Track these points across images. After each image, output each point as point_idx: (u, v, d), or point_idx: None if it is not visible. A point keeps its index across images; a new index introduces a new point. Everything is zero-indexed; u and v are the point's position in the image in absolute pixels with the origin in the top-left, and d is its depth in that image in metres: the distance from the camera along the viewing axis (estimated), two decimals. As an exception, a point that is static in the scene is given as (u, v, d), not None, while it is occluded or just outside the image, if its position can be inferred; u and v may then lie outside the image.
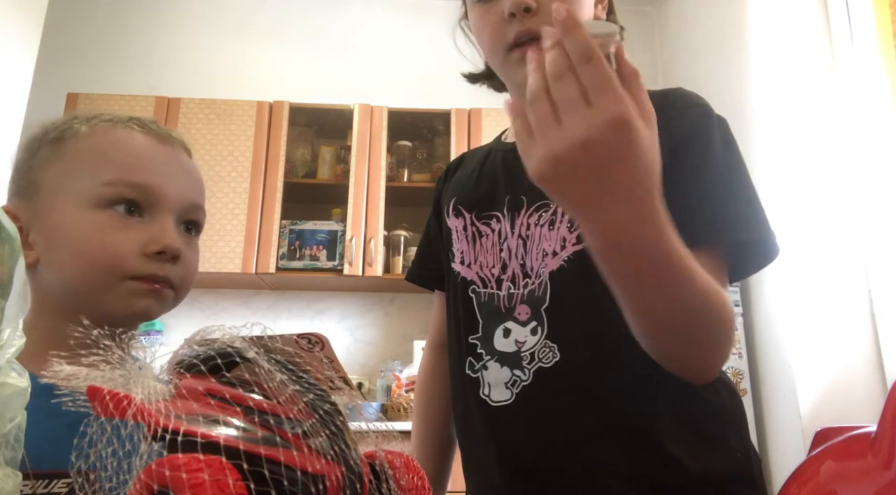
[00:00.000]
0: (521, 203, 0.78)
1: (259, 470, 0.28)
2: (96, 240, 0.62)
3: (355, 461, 0.32)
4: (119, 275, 0.62)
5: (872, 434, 0.39)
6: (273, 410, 0.31)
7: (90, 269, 0.62)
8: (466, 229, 0.83)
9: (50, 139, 0.68)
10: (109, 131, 0.67)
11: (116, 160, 0.65)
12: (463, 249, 0.83)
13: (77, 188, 0.64)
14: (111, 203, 0.63)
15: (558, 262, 0.74)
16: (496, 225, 0.80)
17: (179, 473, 0.26)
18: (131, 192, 0.64)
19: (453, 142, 2.95)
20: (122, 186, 0.64)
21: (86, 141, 0.67)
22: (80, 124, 0.68)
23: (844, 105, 2.22)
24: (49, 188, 0.66)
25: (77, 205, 0.63)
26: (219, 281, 2.89)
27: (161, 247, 0.63)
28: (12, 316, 0.37)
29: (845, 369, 2.06)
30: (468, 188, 0.86)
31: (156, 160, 0.67)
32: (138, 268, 0.63)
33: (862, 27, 2.17)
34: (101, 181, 0.63)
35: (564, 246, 0.74)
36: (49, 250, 0.64)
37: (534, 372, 0.72)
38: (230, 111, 2.95)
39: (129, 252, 0.62)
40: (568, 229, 0.74)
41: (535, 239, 0.76)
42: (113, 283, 0.62)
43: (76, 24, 3.28)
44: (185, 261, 0.67)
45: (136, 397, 0.30)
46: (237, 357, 0.33)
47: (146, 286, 0.63)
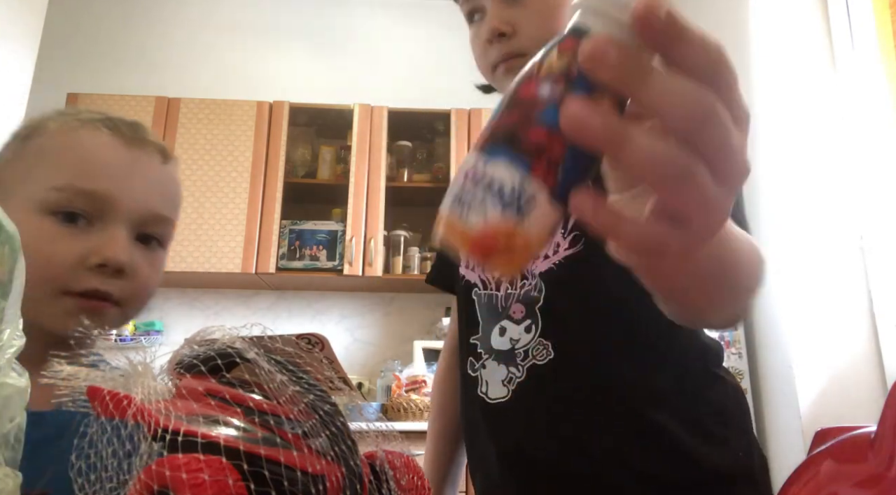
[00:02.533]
0: None
1: (259, 470, 0.28)
2: (34, 249, 0.57)
3: (355, 461, 0.32)
4: (54, 289, 0.57)
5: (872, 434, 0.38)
6: (273, 411, 0.31)
7: (28, 280, 0.57)
8: None
9: (21, 136, 0.64)
10: (74, 131, 0.63)
11: (70, 164, 0.61)
12: None
13: (28, 190, 0.59)
14: (56, 210, 0.58)
15: (548, 265, 0.74)
16: None
17: (179, 473, 0.26)
18: (79, 200, 0.59)
19: (453, 142, 2.95)
20: (70, 192, 0.59)
21: (49, 140, 0.62)
22: (52, 121, 0.64)
23: (844, 106, 2.22)
24: (6, 187, 0.61)
25: (25, 208, 0.58)
26: (219, 281, 2.89)
27: (102, 259, 0.58)
28: (12, 316, 0.37)
29: (845, 369, 2.06)
30: None
31: (113, 165, 0.62)
32: (76, 282, 0.58)
33: (862, 29, 2.17)
34: (50, 185, 0.59)
35: (557, 250, 0.74)
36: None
37: (527, 369, 0.73)
38: (230, 111, 2.94)
39: (67, 264, 0.57)
40: (562, 235, 0.74)
41: None
42: (49, 296, 0.57)
43: (76, 24, 3.28)
44: (135, 275, 0.61)
45: (136, 397, 0.30)
46: (237, 357, 0.33)
47: (83, 304, 0.58)
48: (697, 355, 0.75)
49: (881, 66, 2.12)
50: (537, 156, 0.29)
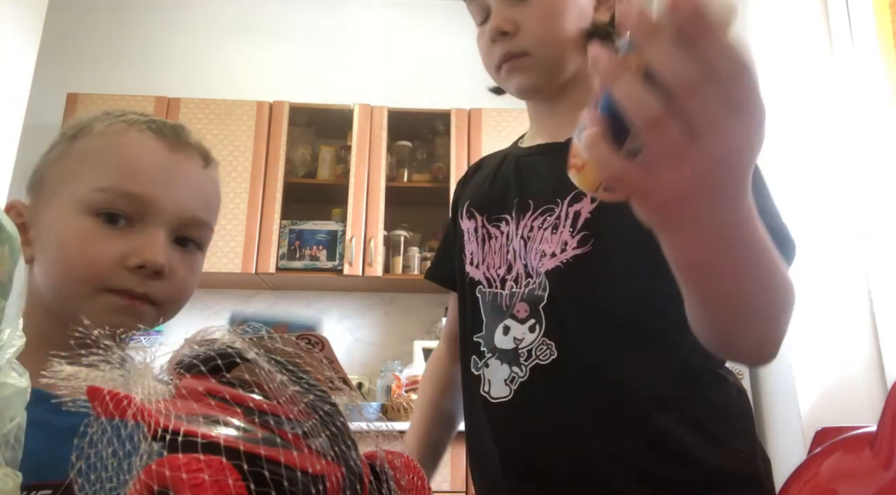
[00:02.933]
0: (528, 206, 0.80)
1: (259, 470, 0.28)
2: (77, 249, 0.59)
3: (355, 461, 0.32)
4: (96, 286, 0.59)
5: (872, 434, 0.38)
6: (273, 411, 0.31)
7: (68, 277, 0.60)
8: (477, 231, 0.85)
9: (68, 136, 0.66)
10: (119, 134, 0.64)
11: (115, 165, 0.62)
12: (473, 250, 0.85)
13: (73, 190, 0.61)
14: (99, 210, 0.60)
15: (555, 263, 0.74)
16: (505, 227, 0.82)
17: (179, 473, 0.26)
18: (121, 201, 0.61)
19: (453, 142, 2.95)
20: (112, 194, 0.61)
21: (95, 141, 0.64)
22: (99, 122, 0.65)
23: (844, 104, 2.22)
24: (51, 186, 0.64)
25: (69, 207, 0.61)
26: (219, 281, 2.89)
27: (141, 261, 0.60)
28: (12, 316, 0.37)
29: (845, 369, 2.06)
30: (482, 191, 0.89)
31: (156, 168, 0.63)
32: (115, 281, 0.59)
33: (862, 27, 2.17)
34: (95, 186, 0.61)
35: (565, 249, 0.74)
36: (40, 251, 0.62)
37: (530, 369, 0.73)
38: (230, 111, 2.94)
39: (107, 263, 0.59)
40: (570, 234, 0.74)
41: (535, 240, 0.77)
42: (89, 294, 0.59)
43: (76, 24, 3.28)
44: (174, 277, 0.63)
45: (136, 397, 0.30)
46: (237, 357, 0.33)
47: (123, 301, 0.60)
48: (701, 355, 0.74)
49: (881, 64, 2.12)
50: (594, 103, 0.39)
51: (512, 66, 0.78)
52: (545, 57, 0.78)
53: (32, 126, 2.74)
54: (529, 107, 0.89)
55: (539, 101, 0.85)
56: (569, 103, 0.82)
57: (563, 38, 0.79)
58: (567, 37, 0.79)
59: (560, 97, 0.82)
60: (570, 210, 0.75)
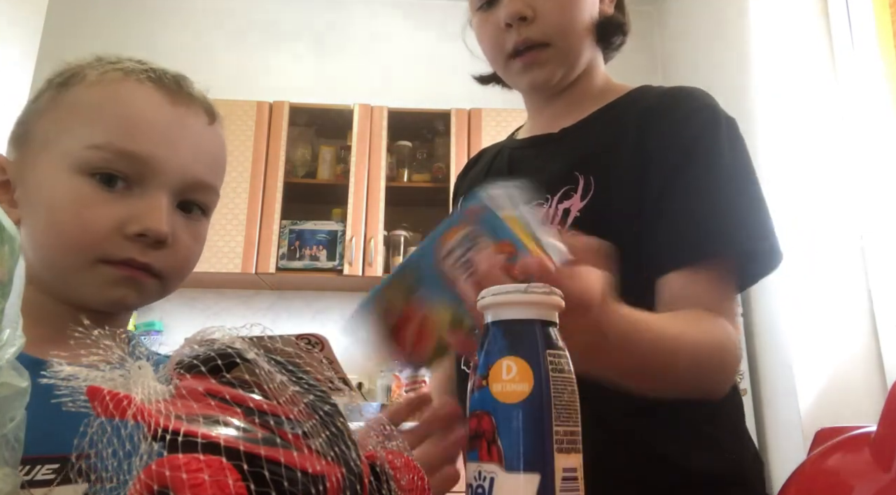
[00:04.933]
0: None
1: (259, 470, 0.28)
2: (70, 213, 0.53)
3: (355, 462, 0.32)
4: (92, 256, 0.54)
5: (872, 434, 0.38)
6: (273, 411, 0.31)
7: (61, 246, 0.54)
8: None
9: (56, 83, 0.59)
10: (116, 83, 0.57)
11: (112, 120, 0.55)
12: None
13: (64, 146, 0.55)
14: (95, 170, 0.54)
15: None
16: None
17: (179, 473, 0.26)
18: (120, 162, 0.54)
19: (453, 142, 2.95)
20: (110, 152, 0.54)
21: (88, 91, 0.57)
22: (92, 69, 0.59)
23: (844, 105, 2.22)
24: (39, 140, 0.57)
25: (60, 165, 0.54)
26: (219, 281, 2.88)
27: (142, 228, 0.54)
28: (12, 316, 0.37)
29: (845, 369, 2.06)
30: (476, 184, 0.88)
31: (158, 125, 0.57)
32: (113, 250, 0.54)
33: (862, 28, 2.17)
34: (89, 142, 0.54)
35: None
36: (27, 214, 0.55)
37: None
38: (230, 111, 2.94)
39: (104, 231, 0.53)
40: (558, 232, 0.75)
41: None
42: (85, 266, 0.54)
43: (76, 24, 3.28)
44: (177, 246, 0.57)
45: (136, 397, 0.30)
46: (237, 358, 0.33)
47: (122, 272, 0.54)
48: None
49: (881, 66, 2.12)
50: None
51: (529, 60, 0.75)
52: (565, 47, 0.75)
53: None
54: (526, 97, 0.87)
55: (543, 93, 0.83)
56: (569, 95, 0.81)
57: (581, 26, 0.76)
58: (584, 26, 0.76)
59: (564, 90, 0.81)
60: (560, 206, 0.74)
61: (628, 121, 0.74)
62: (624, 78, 0.86)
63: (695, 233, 0.66)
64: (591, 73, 0.82)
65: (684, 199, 0.68)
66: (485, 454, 0.37)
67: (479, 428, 0.37)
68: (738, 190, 0.70)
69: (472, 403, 0.39)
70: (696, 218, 0.67)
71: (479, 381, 0.39)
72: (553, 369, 0.38)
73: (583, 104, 0.81)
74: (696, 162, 0.69)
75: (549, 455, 0.36)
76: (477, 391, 0.39)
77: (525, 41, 0.74)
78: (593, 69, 0.82)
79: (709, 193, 0.68)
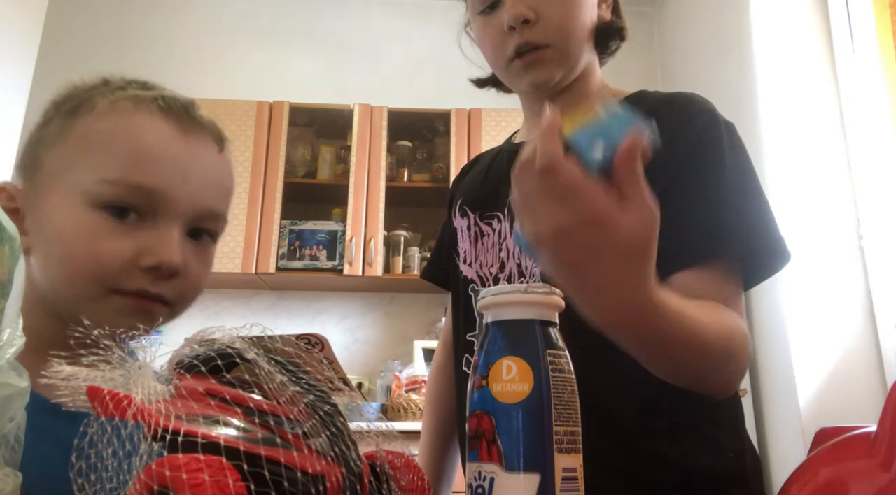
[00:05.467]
0: None
1: (259, 470, 0.28)
2: (83, 246, 0.54)
3: (355, 461, 0.32)
4: (104, 287, 0.54)
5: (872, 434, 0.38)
6: (273, 411, 0.31)
7: (73, 277, 0.54)
8: (470, 229, 0.84)
9: (64, 110, 0.59)
10: (126, 114, 0.58)
11: (124, 154, 0.56)
12: (465, 248, 0.84)
13: (76, 179, 0.55)
14: (107, 203, 0.55)
15: None
16: (497, 224, 0.81)
17: (179, 473, 0.26)
18: (132, 195, 0.55)
19: (453, 142, 2.95)
20: (122, 187, 0.54)
21: (98, 122, 0.57)
22: (100, 97, 0.58)
23: (845, 105, 2.22)
24: (49, 171, 0.57)
25: (72, 198, 0.55)
26: (219, 281, 2.88)
27: (157, 261, 0.55)
28: (12, 316, 0.37)
29: (845, 369, 2.06)
30: (474, 188, 0.88)
31: (169, 159, 0.57)
32: (126, 281, 0.54)
33: (862, 30, 2.17)
34: (101, 176, 0.54)
35: None
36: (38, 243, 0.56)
37: None
38: (230, 111, 2.94)
39: (118, 263, 0.54)
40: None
41: None
42: (97, 296, 0.54)
43: (76, 24, 3.28)
44: (188, 275, 0.58)
45: (136, 397, 0.30)
46: (237, 357, 0.33)
47: (133, 304, 0.55)
48: None
49: (881, 67, 2.12)
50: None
51: (531, 60, 0.75)
52: (565, 49, 0.76)
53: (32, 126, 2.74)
54: (524, 100, 0.87)
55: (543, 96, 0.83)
56: (567, 98, 0.81)
57: (581, 30, 0.77)
58: (584, 29, 0.77)
59: (561, 93, 0.81)
60: None
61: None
62: (623, 80, 0.87)
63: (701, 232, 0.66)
64: (587, 76, 0.82)
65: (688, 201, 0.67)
66: (485, 454, 0.37)
67: (479, 428, 0.37)
68: (741, 190, 0.70)
69: (472, 403, 0.39)
70: (700, 218, 0.67)
71: (478, 381, 0.39)
72: (553, 369, 0.38)
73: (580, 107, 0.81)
74: (697, 164, 0.70)
75: (549, 455, 0.36)
76: (477, 391, 0.39)
77: (527, 43, 0.74)
78: (590, 73, 0.83)
79: (713, 194, 0.68)
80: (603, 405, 0.69)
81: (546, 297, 0.40)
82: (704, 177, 0.69)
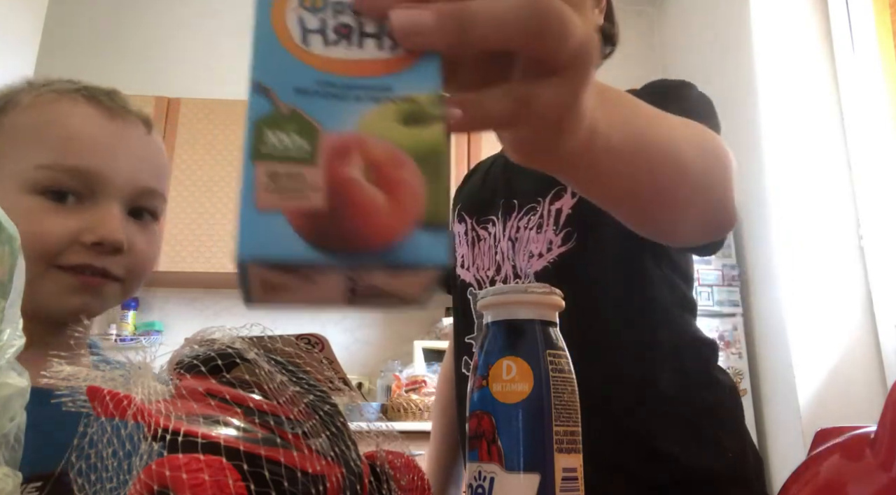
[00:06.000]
0: (513, 206, 0.80)
1: (259, 470, 0.28)
2: (23, 227, 0.52)
3: (355, 461, 0.32)
4: (47, 264, 0.55)
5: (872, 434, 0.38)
6: (273, 411, 0.31)
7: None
8: (467, 234, 0.85)
9: None
10: (52, 104, 0.60)
11: (53, 140, 0.58)
12: (463, 253, 0.85)
13: (11, 169, 0.57)
14: (45, 188, 0.56)
15: (542, 264, 0.75)
16: (492, 228, 0.82)
17: (180, 473, 0.26)
18: (68, 178, 0.57)
19: (453, 141, 2.95)
20: (57, 171, 0.56)
21: (25, 115, 0.59)
22: (24, 94, 0.60)
23: (845, 105, 2.22)
24: None
25: (10, 187, 0.56)
26: (219, 281, 2.88)
27: (97, 237, 0.56)
28: (12, 316, 0.37)
29: (845, 369, 2.06)
30: (472, 194, 0.89)
31: (100, 140, 0.59)
32: (69, 257, 0.56)
33: (862, 30, 2.17)
34: (35, 163, 0.56)
35: (551, 248, 0.75)
36: None
37: None
38: (230, 111, 2.94)
39: (60, 240, 0.55)
40: (554, 232, 0.75)
41: (522, 240, 0.78)
42: (43, 273, 0.55)
43: (76, 24, 3.28)
44: (133, 251, 0.59)
45: (136, 397, 0.30)
46: (237, 358, 0.33)
47: (79, 280, 0.56)
48: (692, 354, 0.74)
49: (881, 67, 2.12)
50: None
51: None
52: None
53: None
54: None
55: None
56: None
57: None
58: None
59: None
60: (551, 208, 0.75)
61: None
62: (623, 79, 0.87)
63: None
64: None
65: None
66: (485, 454, 0.37)
67: (479, 428, 0.37)
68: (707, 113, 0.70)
69: (472, 403, 0.39)
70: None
71: (478, 381, 0.39)
72: (553, 369, 0.38)
73: None
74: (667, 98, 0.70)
75: (549, 455, 0.36)
76: (477, 391, 0.39)
77: None
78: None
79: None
80: (603, 404, 0.69)
81: (546, 297, 0.40)
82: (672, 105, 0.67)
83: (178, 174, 2.86)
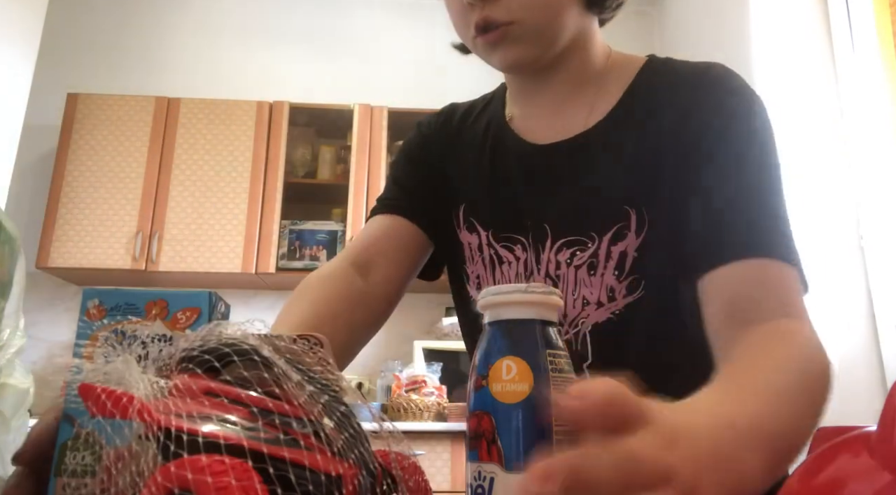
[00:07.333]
0: (545, 234, 0.70)
1: (283, 473, 0.27)
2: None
3: (373, 463, 0.32)
4: None
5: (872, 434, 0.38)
6: (294, 413, 0.30)
7: None
8: (482, 250, 0.74)
9: None
10: None
11: None
12: (479, 273, 0.75)
13: None
14: None
15: (605, 315, 0.67)
16: (521, 253, 0.72)
17: (204, 476, 0.25)
18: None
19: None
20: None
21: None
22: None
23: (845, 105, 2.22)
24: None
25: None
26: (219, 281, 2.88)
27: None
28: (12, 316, 0.37)
29: (845, 369, 2.06)
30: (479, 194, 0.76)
31: None
32: None
33: (862, 29, 2.17)
34: None
35: (614, 297, 0.66)
36: None
37: None
38: (230, 111, 2.94)
39: None
40: (615, 278, 0.66)
41: (569, 282, 0.68)
42: None
43: (76, 24, 3.28)
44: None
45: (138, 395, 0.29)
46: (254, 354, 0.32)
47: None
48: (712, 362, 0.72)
49: (881, 66, 2.12)
50: None
51: (491, 39, 0.65)
52: (533, 25, 0.65)
53: (32, 126, 2.74)
54: (511, 79, 0.76)
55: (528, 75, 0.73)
56: (565, 73, 0.71)
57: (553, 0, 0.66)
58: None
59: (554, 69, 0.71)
60: (613, 249, 0.66)
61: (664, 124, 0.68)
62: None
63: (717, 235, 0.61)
64: (584, 45, 0.71)
65: (706, 200, 0.62)
66: (485, 454, 0.37)
67: (479, 428, 0.37)
68: (761, 196, 0.66)
69: (472, 403, 0.39)
70: (715, 220, 0.62)
71: (478, 381, 0.39)
72: (553, 369, 0.38)
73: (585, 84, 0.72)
74: (720, 159, 0.65)
75: (549, 455, 0.36)
76: (476, 391, 0.39)
77: (486, 20, 0.65)
78: (586, 40, 0.72)
79: (731, 197, 0.64)
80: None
81: (546, 297, 0.40)
82: (723, 177, 0.64)
83: (178, 174, 2.86)
